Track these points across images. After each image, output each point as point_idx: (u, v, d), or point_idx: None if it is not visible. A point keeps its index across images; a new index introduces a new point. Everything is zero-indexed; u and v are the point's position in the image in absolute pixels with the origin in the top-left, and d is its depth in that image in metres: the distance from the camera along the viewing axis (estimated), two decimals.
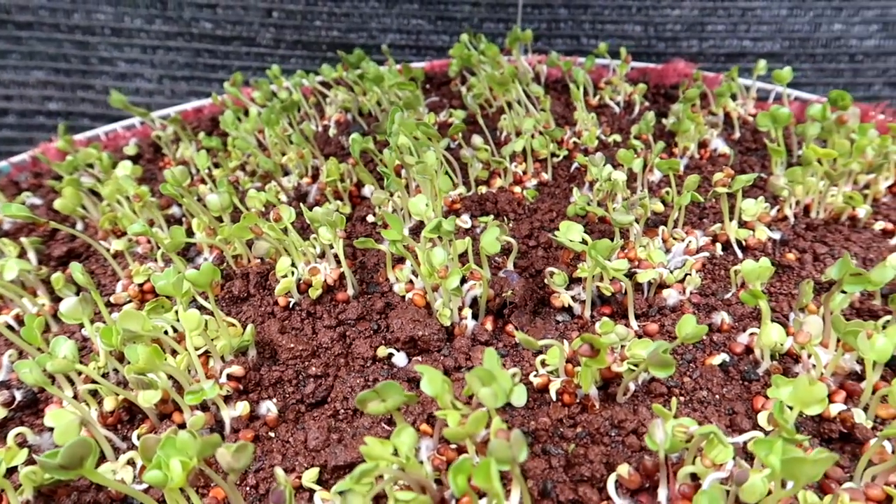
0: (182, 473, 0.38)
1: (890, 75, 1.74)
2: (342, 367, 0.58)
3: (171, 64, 1.76)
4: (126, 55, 1.75)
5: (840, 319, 0.47)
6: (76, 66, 1.74)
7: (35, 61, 1.73)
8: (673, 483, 0.43)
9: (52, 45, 1.72)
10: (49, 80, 1.74)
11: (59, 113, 1.78)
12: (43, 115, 1.79)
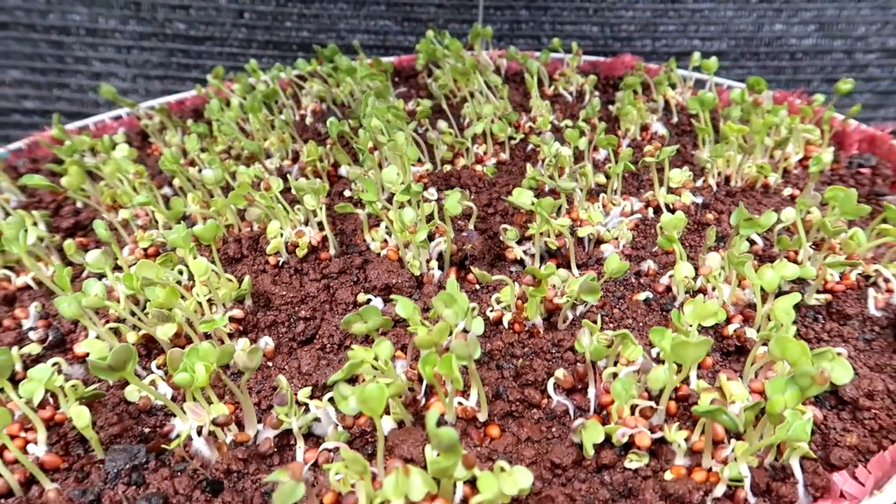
0: (205, 374, 0.48)
1: (826, 72, 1.87)
2: (327, 311, 0.67)
3: (146, 63, 1.82)
4: (101, 55, 1.81)
5: (734, 254, 0.58)
6: (52, 66, 1.80)
7: (11, 61, 1.78)
8: (599, 382, 0.53)
9: (28, 45, 1.77)
10: (25, 79, 1.80)
11: (35, 111, 1.84)
12: (19, 114, 1.85)
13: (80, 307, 0.55)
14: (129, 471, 0.48)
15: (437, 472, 0.39)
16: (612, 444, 0.50)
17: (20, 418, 0.51)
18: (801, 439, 0.41)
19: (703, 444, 0.48)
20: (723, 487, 0.45)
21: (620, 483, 0.47)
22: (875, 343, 0.60)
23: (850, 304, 0.63)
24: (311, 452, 0.51)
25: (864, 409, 0.52)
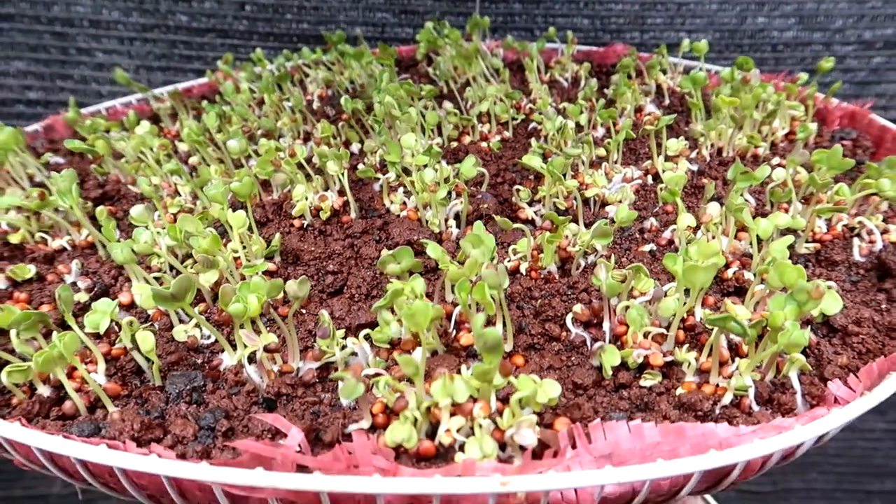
0: (258, 305, 0.52)
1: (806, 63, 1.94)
2: (353, 266, 0.71)
3: (148, 55, 1.85)
4: (104, 46, 1.84)
5: (732, 202, 0.63)
6: (55, 57, 1.82)
7: (15, 52, 1.80)
8: (613, 316, 0.58)
9: (32, 37, 1.80)
10: (29, 70, 1.82)
11: (38, 102, 1.86)
12: (23, 104, 1.87)
13: (131, 253, 0.59)
14: (189, 391, 0.52)
15: (479, 375, 0.43)
16: (627, 367, 0.55)
17: (79, 353, 0.55)
18: (800, 344, 0.47)
19: (711, 364, 0.53)
20: (730, 396, 0.50)
21: (637, 398, 0.52)
22: (860, 284, 0.65)
23: (836, 251, 0.68)
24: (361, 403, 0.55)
25: (852, 334, 0.57)
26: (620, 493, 0.44)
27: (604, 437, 0.45)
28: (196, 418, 0.49)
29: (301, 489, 0.39)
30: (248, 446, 0.41)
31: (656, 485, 0.45)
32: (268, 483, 0.39)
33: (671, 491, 0.46)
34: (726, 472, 0.46)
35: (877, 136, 0.94)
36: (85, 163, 1.00)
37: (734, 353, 0.55)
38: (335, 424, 0.48)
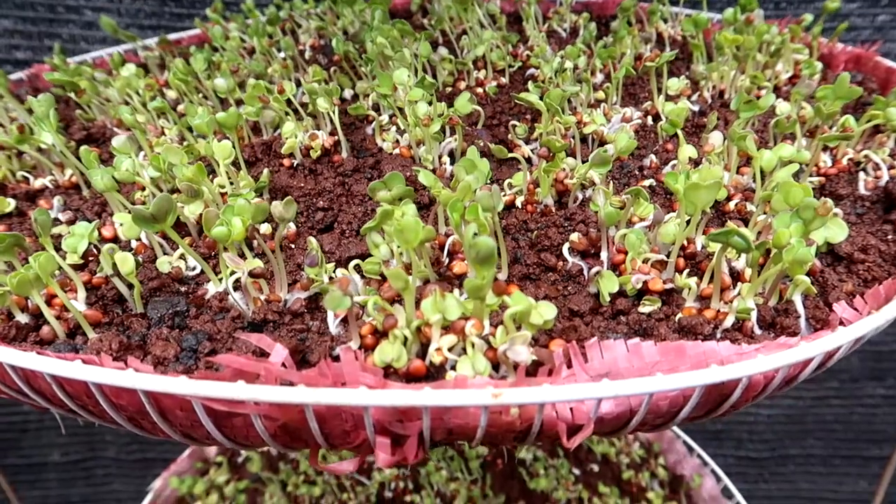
0: (242, 228, 0.50)
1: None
2: (344, 203, 0.69)
3: (138, 13, 1.81)
4: (92, 4, 1.79)
5: (735, 131, 0.61)
6: (43, 15, 1.78)
7: (2, 10, 1.76)
8: (611, 245, 0.57)
9: None
10: (16, 28, 1.78)
11: (26, 62, 1.82)
12: (10, 64, 1.83)
13: (112, 180, 0.56)
14: (171, 316, 0.50)
15: (471, 291, 0.42)
16: (626, 294, 0.53)
17: (59, 281, 0.53)
18: (806, 261, 0.45)
19: (712, 290, 0.51)
20: (731, 319, 0.49)
21: (636, 323, 0.51)
22: (866, 217, 0.63)
23: (841, 185, 0.66)
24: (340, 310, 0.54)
25: (858, 262, 0.55)
26: (618, 413, 0.43)
27: (601, 355, 0.43)
28: (178, 341, 0.47)
29: (284, 402, 0.37)
30: (231, 361, 0.40)
31: (654, 405, 0.43)
32: (250, 396, 0.37)
33: (670, 412, 0.44)
34: (728, 392, 0.44)
35: (883, 79, 0.92)
36: (70, 109, 0.98)
37: (736, 280, 0.53)
38: (322, 347, 0.47)
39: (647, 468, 1.38)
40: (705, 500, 1.33)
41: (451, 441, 0.44)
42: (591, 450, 1.42)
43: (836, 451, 1.94)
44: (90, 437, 1.88)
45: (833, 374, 1.83)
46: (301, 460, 1.40)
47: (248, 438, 0.44)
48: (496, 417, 0.41)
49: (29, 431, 1.88)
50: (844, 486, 1.97)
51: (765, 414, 1.89)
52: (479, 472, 1.35)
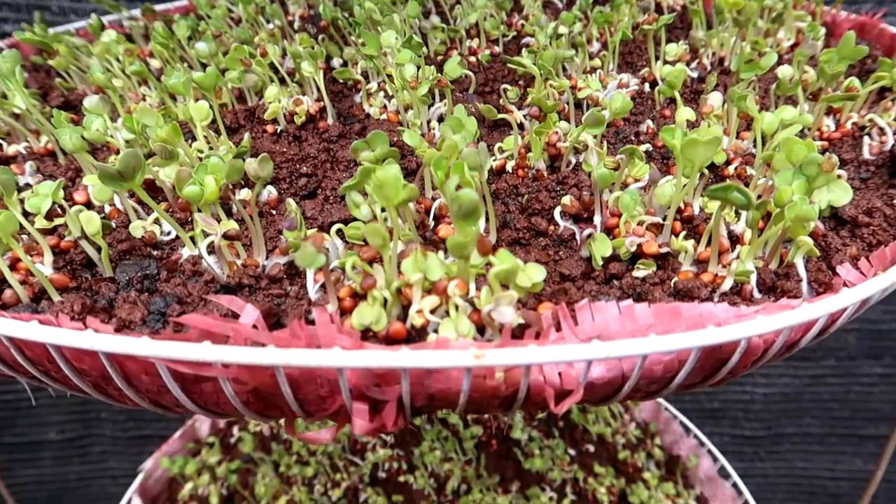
0: (215, 187, 0.47)
1: None
2: (328, 170, 0.67)
3: None
4: None
5: (735, 91, 0.58)
6: None
7: None
8: (605, 209, 0.54)
9: None
10: (4, 1, 1.74)
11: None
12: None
13: (81, 139, 0.54)
14: (140, 279, 0.48)
15: (454, 248, 0.39)
16: (619, 259, 0.50)
17: (25, 246, 0.51)
18: (809, 218, 0.42)
19: (710, 253, 0.49)
20: (730, 282, 0.46)
21: (629, 287, 0.48)
22: (871, 181, 0.61)
23: (845, 150, 0.64)
24: (320, 275, 0.51)
25: (862, 225, 0.53)
26: (609, 378, 0.41)
27: (591, 318, 0.41)
28: (146, 304, 0.45)
29: (254, 364, 0.35)
30: (198, 321, 0.37)
31: (648, 370, 0.41)
32: (216, 357, 0.35)
33: (665, 377, 0.42)
34: (725, 357, 0.42)
35: (888, 47, 0.89)
36: (50, 78, 0.95)
37: (735, 244, 0.51)
38: (299, 311, 0.44)
39: (643, 448, 1.36)
40: (702, 481, 1.31)
41: (433, 408, 0.41)
42: (587, 430, 1.40)
43: (833, 430, 1.93)
44: (85, 415, 1.87)
45: (830, 352, 1.81)
46: (294, 441, 1.39)
47: (219, 405, 0.42)
48: (480, 382, 0.38)
49: (23, 410, 1.87)
50: (840, 464, 1.97)
51: (761, 392, 1.87)
52: (474, 452, 1.34)
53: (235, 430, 1.42)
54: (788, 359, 1.98)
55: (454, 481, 1.28)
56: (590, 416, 1.40)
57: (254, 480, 1.31)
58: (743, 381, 1.90)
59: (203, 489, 1.30)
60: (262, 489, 1.28)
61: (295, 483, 1.30)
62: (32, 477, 1.97)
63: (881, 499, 2.01)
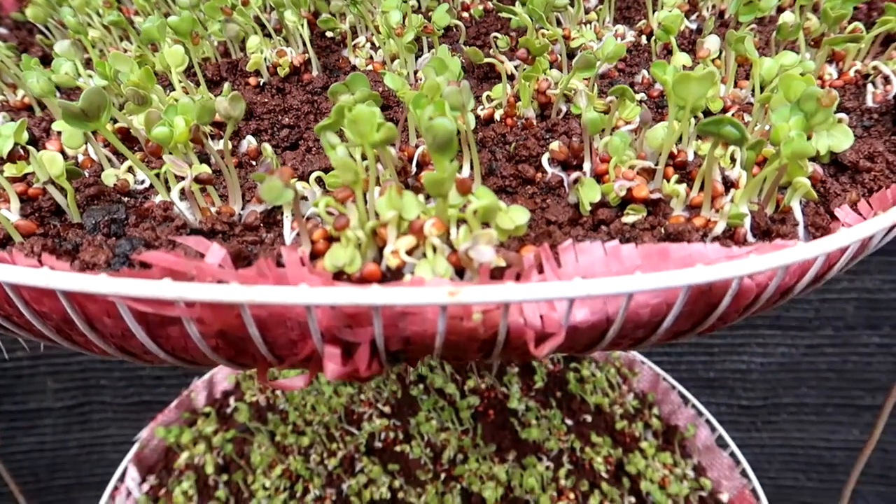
0: (185, 128, 0.45)
1: None
2: (311, 121, 0.65)
3: None
4: None
5: (733, 33, 0.56)
6: None
7: None
8: (595, 155, 0.52)
9: None
10: None
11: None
12: None
13: (49, 83, 0.52)
14: (107, 223, 0.46)
15: (430, 185, 0.37)
16: (609, 205, 0.48)
17: None
18: (806, 153, 0.40)
19: (703, 199, 0.47)
20: (722, 225, 0.44)
21: (618, 232, 0.46)
22: (873, 129, 0.59)
23: (848, 98, 0.61)
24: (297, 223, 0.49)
25: (864, 170, 0.51)
26: (593, 321, 0.39)
27: (575, 259, 0.39)
28: (112, 248, 0.43)
29: (216, 301, 0.33)
30: (159, 259, 0.35)
31: (634, 313, 0.39)
32: (177, 294, 0.33)
33: (652, 322, 0.40)
34: (716, 300, 0.40)
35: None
36: (31, 35, 0.92)
37: (729, 189, 0.48)
38: (271, 254, 0.42)
39: (640, 419, 1.35)
40: (699, 450, 1.30)
41: (410, 354, 0.40)
42: (585, 400, 1.39)
43: (830, 400, 1.92)
44: (85, 382, 1.87)
45: (828, 321, 1.79)
46: (290, 411, 1.38)
47: (187, 352, 0.40)
48: (456, 323, 0.37)
49: (23, 377, 1.87)
50: (837, 434, 1.96)
51: (758, 362, 1.86)
52: (471, 422, 1.33)
53: (231, 400, 1.42)
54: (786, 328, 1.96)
55: (450, 451, 1.27)
56: (587, 386, 1.39)
57: (249, 450, 1.30)
58: (740, 350, 1.89)
59: (199, 458, 1.30)
60: (257, 458, 1.27)
61: (291, 452, 1.29)
62: (33, 445, 1.98)
63: (875, 468, 2.01)
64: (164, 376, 1.91)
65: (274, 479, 1.24)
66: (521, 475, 1.22)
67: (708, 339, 1.90)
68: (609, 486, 1.20)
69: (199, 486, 1.24)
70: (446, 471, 1.24)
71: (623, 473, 1.23)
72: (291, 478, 1.25)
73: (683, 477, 1.22)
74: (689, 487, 1.20)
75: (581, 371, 1.41)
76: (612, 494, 1.19)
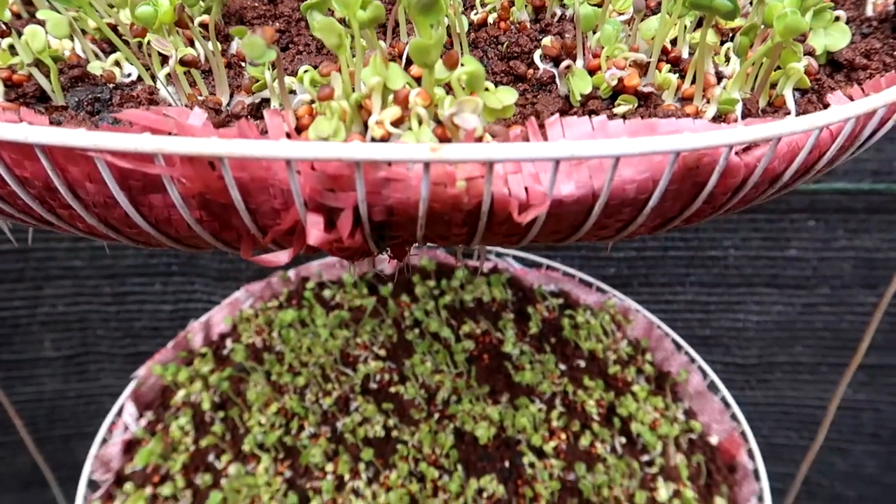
0: (170, 7, 0.45)
1: None
2: (303, 28, 0.64)
3: None
4: None
5: None
6: None
7: None
8: (587, 51, 0.51)
9: None
10: None
11: None
12: None
13: None
14: (91, 101, 0.45)
15: (415, 52, 0.36)
16: (600, 97, 0.48)
17: None
18: (799, 29, 0.40)
19: (694, 90, 0.46)
20: (713, 110, 0.44)
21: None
22: (872, 36, 0.58)
23: (847, 7, 0.60)
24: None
25: (859, 68, 0.50)
26: (578, 195, 0.39)
27: (562, 133, 0.39)
28: (95, 123, 0.43)
29: (196, 154, 0.33)
30: (140, 116, 0.35)
31: (620, 189, 0.39)
32: (155, 147, 0.33)
33: (638, 199, 0.40)
34: (703, 179, 0.40)
35: None
36: None
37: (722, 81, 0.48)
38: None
39: (633, 364, 1.36)
40: (691, 395, 1.31)
41: (394, 229, 0.40)
42: (579, 346, 1.40)
43: (825, 359, 1.93)
44: (82, 332, 1.88)
45: (825, 280, 1.80)
46: (286, 352, 1.39)
47: (171, 225, 0.40)
48: (440, 190, 0.36)
49: (20, 327, 1.88)
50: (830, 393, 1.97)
51: (754, 320, 1.87)
52: (465, 365, 1.34)
53: (228, 342, 1.42)
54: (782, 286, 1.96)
55: (444, 392, 1.28)
56: (581, 332, 1.40)
57: (245, 388, 1.31)
58: (736, 308, 1.89)
59: (195, 396, 1.31)
60: (253, 396, 1.28)
61: (286, 391, 1.30)
62: (32, 395, 2.00)
63: (868, 428, 2.03)
64: (161, 328, 1.93)
65: (270, 416, 1.26)
66: (514, 416, 1.23)
67: (705, 297, 1.90)
68: (600, 426, 1.21)
69: (195, 422, 1.26)
70: (440, 411, 1.25)
71: (614, 416, 1.24)
72: (287, 415, 1.26)
73: (674, 420, 1.24)
74: (680, 429, 1.22)
75: (576, 318, 1.41)
76: (603, 435, 1.20)
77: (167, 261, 1.81)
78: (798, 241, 1.74)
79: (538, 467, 1.15)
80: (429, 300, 1.44)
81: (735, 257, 1.80)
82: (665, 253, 1.82)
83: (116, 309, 1.87)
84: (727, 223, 1.75)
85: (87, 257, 1.76)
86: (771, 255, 1.79)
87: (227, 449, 1.20)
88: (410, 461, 1.17)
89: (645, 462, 1.17)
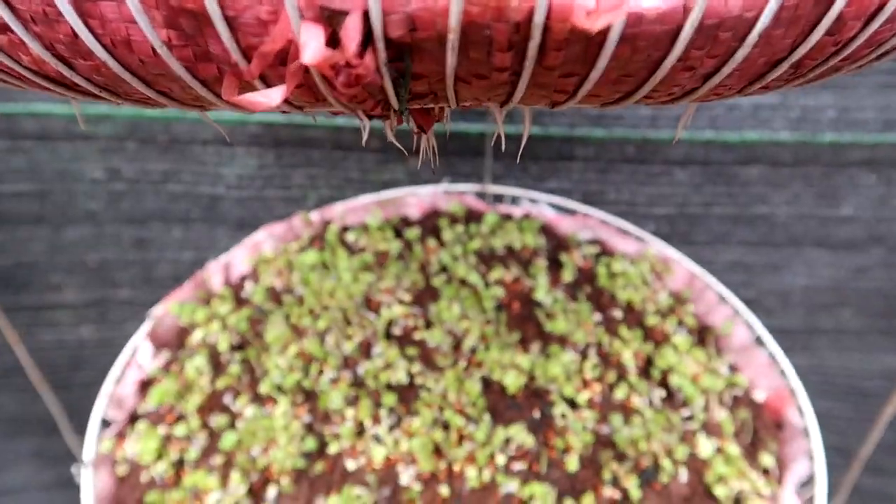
0: None
1: None
2: None
3: None
4: None
5: None
6: None
7: None
8: None
9: None
10: None
11: None
12: None
13: None
14: None
15: None
16: None
17: None
18: None
19: None
20: None
21: None
22: None
23: None
24: None
25: None
26: (666, 9, 0.30)
27: None
28: None
29: None
30: None
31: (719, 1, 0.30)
32: None
33: (742, 16, 0.31)
34: None
35: None
36: None
37: None
38: None
39: (674, 315, 1.27)
40: (736, 350, 1.23)
41: (416, 57, 0.31)
42: (615, 296, 1.31)
43: (872, 326, 1.82)
44: (101, 278, 1.85)
45: (879, 240, 1.68)
46: (307, 295, 1.32)
47: (131, 47, 0.32)
48: None
49: (39, 272, 1.85)
50: (874, 362, 1.87)
51: (800, 284, 1.76)
52: (494, 313, 1.26)
53: (248, 283, 1.37)
54: (833, 247, 1.84)
55: (471, 339, 1.21)
56: (618, 281, 1.32)
57: (264, 329, 1.26)
58: (782, 270, 1.79)
59: (212, 336, 1.26)
60: (272, 338, 1.23)
61: (306, 334, 1.24)
62: (53, 342, 1.98)
63: None
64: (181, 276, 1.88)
65: (289, 358, 1.20)
66: (545, 365, 1.15)
67: (750, 257, 1.80)
68: (637, 379, 1.13)
69: (212, 363, 1.21)
70: (466, 358, 1.18)
71: (652, 368, 1.16)
72: (306, 359, 1.21)
73: (717, 374, 1.15)
74: (724, 384, 1.13)
75: (612, 266, 1.33)
76: (640, 387, 1.12)
77: (186, 206, 1.75)
78: (855, 196, 1.63)
79: (570, 418, 1.08)
80: (456, 245, 1.36)
81: (784, 215, 1.69)
82: (708, 210, 1.71)
83: (136, 256, 1.83)
84: (777, 177, 1.64)
85: (104, 200, 1.72)
86: (823, 213, 1.68)
87: (243, 391, 1.15)
88: (435, 408, 1.11)
89: (685, 417, 1.09)
